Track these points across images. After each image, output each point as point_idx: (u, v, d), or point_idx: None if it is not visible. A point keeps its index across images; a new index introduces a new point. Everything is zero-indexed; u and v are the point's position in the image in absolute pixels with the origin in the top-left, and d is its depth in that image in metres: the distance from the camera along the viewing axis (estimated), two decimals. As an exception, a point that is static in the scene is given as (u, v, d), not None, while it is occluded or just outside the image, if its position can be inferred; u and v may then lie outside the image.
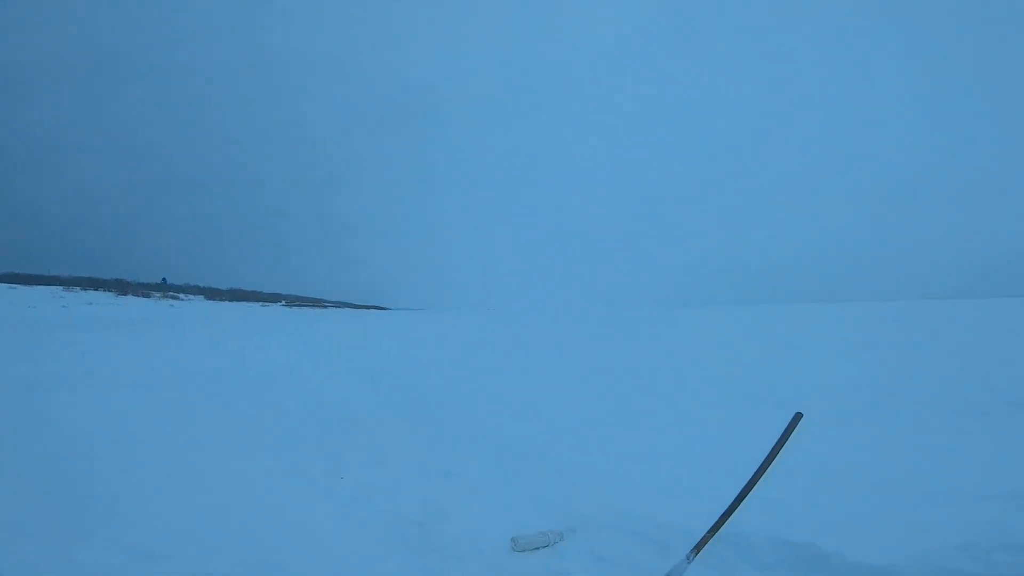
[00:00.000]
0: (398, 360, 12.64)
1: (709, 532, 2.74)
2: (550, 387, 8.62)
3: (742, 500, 2.78)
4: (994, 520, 3.12)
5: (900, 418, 5.99)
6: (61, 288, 36.98)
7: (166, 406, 6.92)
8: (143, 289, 41.78)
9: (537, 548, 3.19)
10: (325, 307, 46.87)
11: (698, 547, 2.70)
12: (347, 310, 45.48)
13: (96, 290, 38.39)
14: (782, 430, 2.91)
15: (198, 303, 40.45)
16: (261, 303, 45.23)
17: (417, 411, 7.00)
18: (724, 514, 2.77)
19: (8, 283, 36.03)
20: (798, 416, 2.89)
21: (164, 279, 46.88)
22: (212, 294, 45.76)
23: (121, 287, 40.45)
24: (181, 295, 42.76)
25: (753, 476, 2.80)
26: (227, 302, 43.18)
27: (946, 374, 8.67)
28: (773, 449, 2.82)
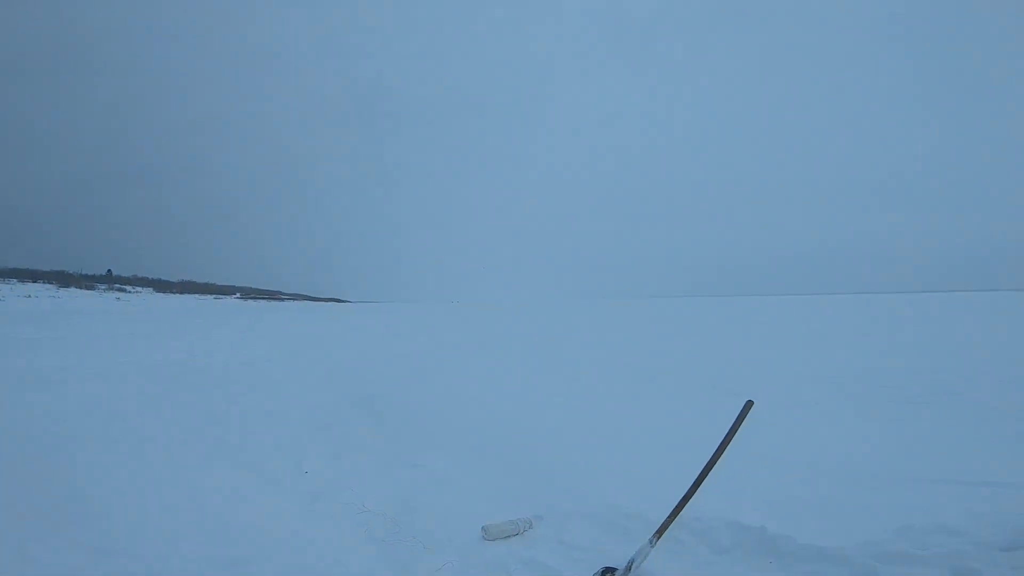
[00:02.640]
0: (357, 353, 12.53)
1: (669, 517, 2.87)
2: (511, 379, 8.72)
3: (699, 486, 2.93)
4: (929, 504, 3.36)
5: (841, 406, 6.37)
6: (-4, 279, 35.11)
7: (121, 402, 6.72)
8: (87, 281, 39.98)
9: (508, 536, 3.26)
10: (282, 300, 45.95)
11: (660, 532, 2.83)
12: (305, 303, 44.65)
13: (35, 282, 36.53)
14: (734, 418, 3.07)
15: (147, 296, 38.93)
16: (214, 296, 43.95)
17: (377, 404, 6.98)
18: (682, 500, 2.90)
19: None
20: (749, 404, 3.06)
21: (110, 270, 45.07)
22: (162, 286, 44.19)
23: (63, 279, 38.59)
24: (128, 287, 41.09)
25: (708, 462, 2.95)
26: (178, 295, 41.79)
27: (885, 364, 9.20)
28: (727, 436, 2.98)
